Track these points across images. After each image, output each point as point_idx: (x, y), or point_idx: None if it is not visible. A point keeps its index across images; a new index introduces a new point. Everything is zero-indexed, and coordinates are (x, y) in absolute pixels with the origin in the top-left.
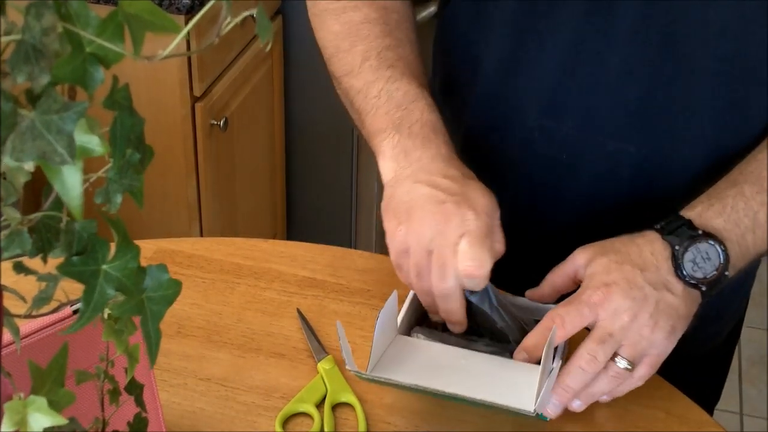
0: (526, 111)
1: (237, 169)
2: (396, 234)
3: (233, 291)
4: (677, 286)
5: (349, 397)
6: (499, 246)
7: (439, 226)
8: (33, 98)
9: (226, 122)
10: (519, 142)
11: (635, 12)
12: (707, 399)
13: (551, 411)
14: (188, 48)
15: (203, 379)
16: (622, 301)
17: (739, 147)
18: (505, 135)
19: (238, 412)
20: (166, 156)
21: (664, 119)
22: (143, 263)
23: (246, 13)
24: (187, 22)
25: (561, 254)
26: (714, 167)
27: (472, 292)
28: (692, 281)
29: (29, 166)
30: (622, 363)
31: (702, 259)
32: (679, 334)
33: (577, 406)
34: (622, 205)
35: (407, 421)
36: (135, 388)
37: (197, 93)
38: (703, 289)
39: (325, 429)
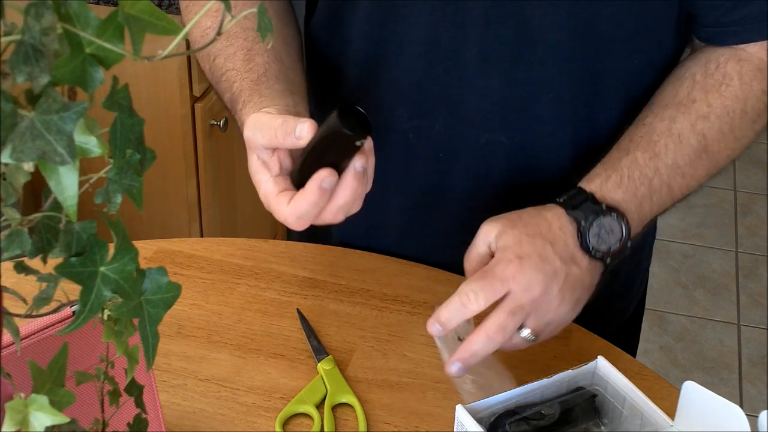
0: (397, 113)
1: (237, 169)
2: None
3: (233, 291)
4: (583, 259)
5: (349, 398)
6: None
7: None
8: (33, 98)
9: (226, 122)
10: (396, 145)
11: (485, 1)
12: None
13: (454, 370)
14: (188, 48)
15: (203, 379)
16: (535, 275)
17: (595, 120)
18: (382, 140)
19: (238, 412)
20: (166, 156)
21: (525, 103)
22: (143, 263)
23: (246, 12)
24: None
25: (443, 251)
26: (581, 149)
27: None
28: (597, 254)
29: (29, 166)
30: (525, 333)
31: (605, 233)
32: (582, 305)
33: (458, 369)
34: (497, 198)
35: (407, 421)
36: (135, 389)
37: (197, 93)
38: (607, 261)
39: (325, 429)
